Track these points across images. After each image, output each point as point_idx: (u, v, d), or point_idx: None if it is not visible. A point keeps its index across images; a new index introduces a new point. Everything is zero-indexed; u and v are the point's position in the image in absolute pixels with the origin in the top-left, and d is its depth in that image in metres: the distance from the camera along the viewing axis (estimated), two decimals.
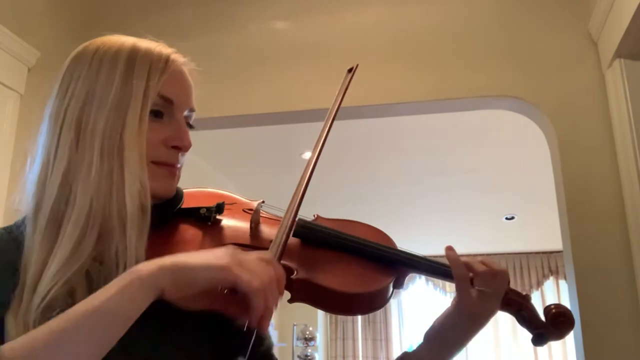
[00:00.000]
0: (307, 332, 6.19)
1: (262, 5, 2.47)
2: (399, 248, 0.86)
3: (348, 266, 0.81)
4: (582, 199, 1.99)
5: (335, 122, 0.91)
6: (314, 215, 0.89)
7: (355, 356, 7.17)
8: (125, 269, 0.65)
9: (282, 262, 0.75)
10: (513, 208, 5.41)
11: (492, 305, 0.81)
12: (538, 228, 5.83)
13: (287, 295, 0.77)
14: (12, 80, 2.13)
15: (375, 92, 2.27)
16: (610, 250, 1.93)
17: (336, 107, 0.82)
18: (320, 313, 7.04)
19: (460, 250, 0.84)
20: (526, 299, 0.84)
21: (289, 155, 4.22)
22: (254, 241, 0.79)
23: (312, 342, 6.25)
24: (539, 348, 6.63)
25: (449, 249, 0.83)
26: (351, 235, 0.85)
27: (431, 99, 2.22)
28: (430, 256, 0.88)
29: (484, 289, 0.79)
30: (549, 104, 2.11)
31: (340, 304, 0.78)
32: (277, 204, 0.92)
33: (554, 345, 6.60)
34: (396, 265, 0.83)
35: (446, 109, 2.31)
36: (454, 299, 0.82)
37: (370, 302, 0.79)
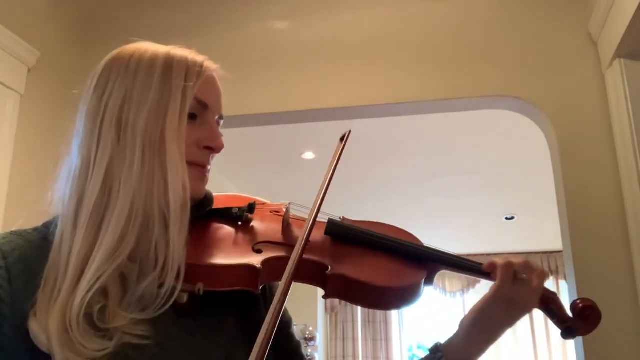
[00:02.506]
0: (307, 332, 6.19)
1: (262, 5, 2.47)
2: (425, 245, 0.88)
3: (381, 262, 0.84)
4: (582, 199, 1.99)
5: (334, 123, 0.93)
6: (340, 217, 0.91)
7: (355, 356, 7.16)
8: (164, 265, 0.67)
9: (315, 259, 0.78)
10: (513, 208, 5.41)
11: (530, 296, 0.81)
12: (538, 228, 5.83)
13: (321, 291, 0.78)
14: (12, 80, 2.12)
15: (375, 92, 2.27)
16: (610, 250, 1.93)
17: (329, 175, 0.84)
18: (320, 313, 7.04)
19: (460, 250, 0.85)
20: (554, 294, 0.86)
21: (289, 155, 4.22)
22: (287, 239, 0.81)
23: (312, 342, 6.25)
24: (539, 348, 6.63)
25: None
26: (382, 234, 0.87)
27: (431, 99, 2.22)
28: None
29: (524, 276, 0.81)
30: (549, 104, 2.11)
31: (374, 298, 0.80)
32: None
33: (554, 345, 6.60)
34: (427, 262, 0.86)
35: (446, 109, 2.31)
36: (494, 286, 0.82)
37: (403, 297, 0.81)
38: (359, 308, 7.25)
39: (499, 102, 2.22)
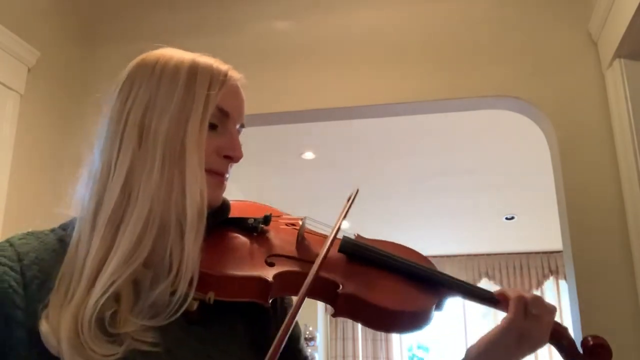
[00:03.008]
0: (307, 332, 6.19)
1: (262, 5, 2.47)
2: (438, 270, 0.87)
3: (394, 284, 0.83)
4: (582, 199, 1.99)
5: (334, 123, 0.93)
6: (354, 235, 0.90)
7: (355, 356, 7.17)
8: (178, 272, 0.67)
9: (328, 276, 0.77)
10: (513, 208, 5.41)
11: (542, 332, 0.82)
12: (538, 228, 5.83)
13: (330, 309, 0.78)
14: (12, 80, 2.12)
15: (375, 92, 2.27)
16: (610, 250, 1.93)
17: (334, 233, 0.83)
18: (320, 313, 7.04)
19: (460, 250, 0.86)
20: (565, 329, 0.86)
21: (289, 155, 4.22)
22: (300, 254, 0.81)
23: (312, 342, 6.25)
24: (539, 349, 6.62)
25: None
26: (397, 255, 0.86)
27: (431, 99, 2.22)
28: (432, 256, 0.89)
29: (535, 312, 0.81)
30: (549, 104, 2.11)
31: (384, 320, 0.79)
32: (277, 205, 0.92)
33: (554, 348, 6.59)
34: (439, 287, 0.85)
35: (446, 109, 2.31)
36: (505, 319, 0.81)
37: (413, 321, 0.80)
38: None
39: (499, 102, 2.22)
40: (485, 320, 7.02)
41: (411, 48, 2.29)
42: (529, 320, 0.81)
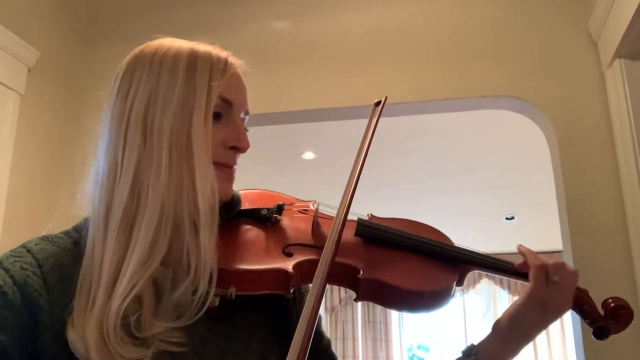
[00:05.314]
0: None
1: (262, 5, 2.47)
2: (456, 245, 0.87)
3: (414, 264, 0.82)
4: (582, 199, 1.99)
5: (335, 122, 0.93)
6: (367, 215, 0.89)
7: (355, 356, 7.16)
8: (196, 271, 0.66)
9: (347, 262, 0.77)
10: (513, 208, 5.41)
11: (564, 297, 0.81)
12: (538, 228, 5.83)
13: (352, 294, 0.77)
14: (12, 80, 2.12)
15: (375, 92, 2.26)
16: (610, 250, 1.93)
17: (367, 143, 0.82)
18: (320, 312, 7.04)
19: None
20: (586, 292, 0.85)
21: (289, 155, 4.22)
22: (317, 241, 0.80)
23: None
24: (539, 348, 6.63)
25: (521, 245, 0.87)
26: (413, 234, 0.85)
27: (431, 99, 2.22)
28: None
29: (556, 279, 0.80)
30: (549, 104, 2.11)
31: (406, 301, 0.79)
32: None
33: (554, 344, 6.60)
34: (458, 262, 0.84)
35: (446, 109, 2.31)
36: (527, 288, 0.81)
37: (435, 299, 0.80)
38: (359, 308, 7.25)
39: (499, 102, 2.22)
40: (485, 320, 7.03)
41: (411, 48, 2.29)
42: (550, 287, 0.80)
